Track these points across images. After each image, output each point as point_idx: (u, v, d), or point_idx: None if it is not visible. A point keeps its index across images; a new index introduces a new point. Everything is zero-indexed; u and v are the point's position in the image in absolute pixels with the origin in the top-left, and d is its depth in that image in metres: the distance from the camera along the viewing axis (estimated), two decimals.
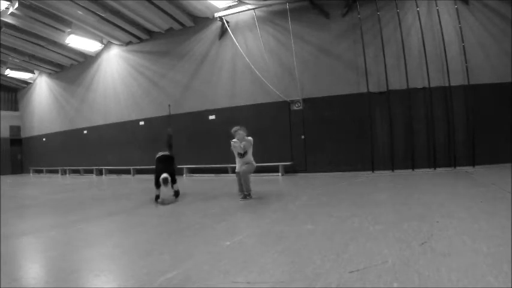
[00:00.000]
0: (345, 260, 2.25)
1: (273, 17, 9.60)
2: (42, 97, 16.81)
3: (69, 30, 11.37)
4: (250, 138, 5.63)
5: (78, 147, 14.58)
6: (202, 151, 10.67)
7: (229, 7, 9.76)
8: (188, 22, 10.87)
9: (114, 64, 13.13)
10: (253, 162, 5.73)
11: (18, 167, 18.31)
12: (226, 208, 4.86)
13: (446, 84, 7.97)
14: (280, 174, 9.21)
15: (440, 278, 1.85)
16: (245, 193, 5.56)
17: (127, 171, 12.58)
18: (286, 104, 9.46)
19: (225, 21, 9.95)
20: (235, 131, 5.64)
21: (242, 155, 5.62)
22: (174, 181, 5.59)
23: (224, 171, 10.09)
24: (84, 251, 2.95)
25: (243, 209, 4.71)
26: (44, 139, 16.76)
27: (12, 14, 10.16)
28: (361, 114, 8.56)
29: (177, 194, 5.81)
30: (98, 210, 5.26)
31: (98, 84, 13.84)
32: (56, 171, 15.73)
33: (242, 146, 5.55)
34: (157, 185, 5.42)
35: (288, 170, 9.36)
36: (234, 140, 5.63)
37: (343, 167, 8.66)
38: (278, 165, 9.27)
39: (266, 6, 9.41)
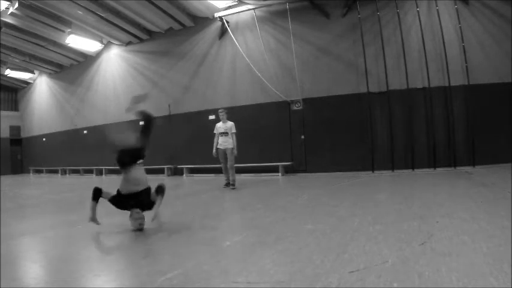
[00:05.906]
0: (345, 260, 2.25)
1: (273, 17, 9.59)
2: (42, 97, 16.79)
3: (69, 30, 11.36)
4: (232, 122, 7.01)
5: (78, 147, 14.57)
6: (202, 151, 10.64)
7: (229, 7, 9.75)
8: (188, 22, 10.87)
9: (114, 64, 13.12)
10: (234, 150, 6.83)
11: (18, 167, 18.28)
12: (226, 208, 4.86)
13: (446, 84, 7.97)
14: (280, 174, 9.21)
15: (440, 278, 1.85)
16: (226, 181, 6.93)
17: None
18: (286, 104, 9.46)
19: (225, 21, 9.95)
20: (221, 112, 7.17)
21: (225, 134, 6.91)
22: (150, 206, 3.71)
23: None
24: (84, 251, 2.95)
25: (243, 209, 4.71)
26: (44, 139, 16.75)
27: (12, 14, 10.15)
28: (361, 114, 8.55)
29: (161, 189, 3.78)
30: (97, 210, 5.24)
31: (98, 84, 13.83)
32: (56, 171, 15.72)
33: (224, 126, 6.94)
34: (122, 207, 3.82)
35: (288, 170, 9.36)
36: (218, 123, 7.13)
37: (343, 167, 8.65)
38: (278, 165, 9.27)
39: (266, 6, 9.40)
